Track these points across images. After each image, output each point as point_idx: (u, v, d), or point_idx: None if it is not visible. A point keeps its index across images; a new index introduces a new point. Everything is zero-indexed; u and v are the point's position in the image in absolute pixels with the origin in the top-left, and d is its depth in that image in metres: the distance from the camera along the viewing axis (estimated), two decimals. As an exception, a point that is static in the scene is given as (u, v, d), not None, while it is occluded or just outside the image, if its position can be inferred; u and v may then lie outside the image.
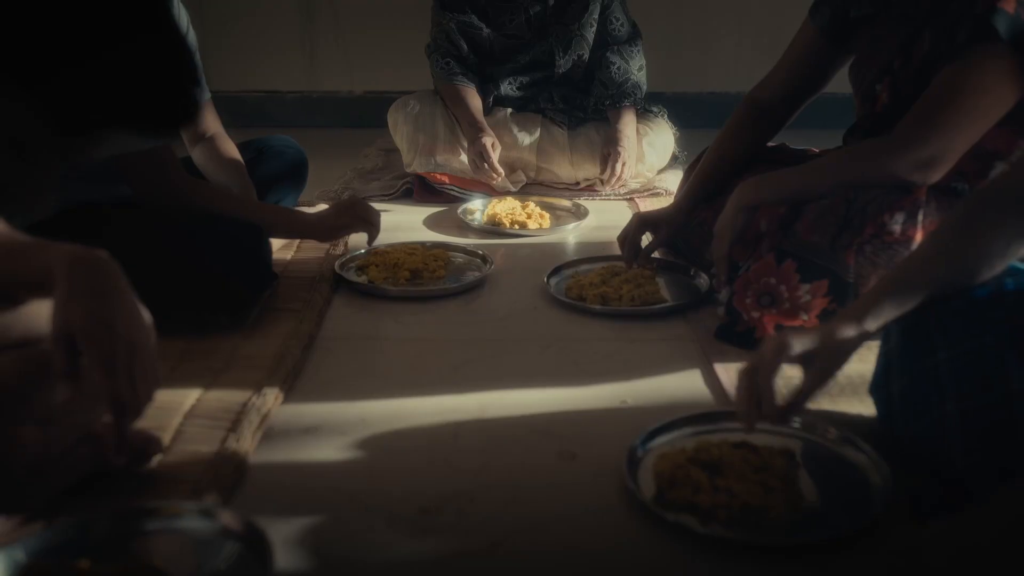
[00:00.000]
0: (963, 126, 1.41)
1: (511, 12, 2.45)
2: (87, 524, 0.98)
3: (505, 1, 2.44)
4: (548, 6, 2.44)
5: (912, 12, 1.54)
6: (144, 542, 0.97)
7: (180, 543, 0.97)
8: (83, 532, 0.97)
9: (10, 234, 1.00)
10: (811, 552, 0.99)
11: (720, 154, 1.80)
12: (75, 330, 0.91)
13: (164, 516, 0.99)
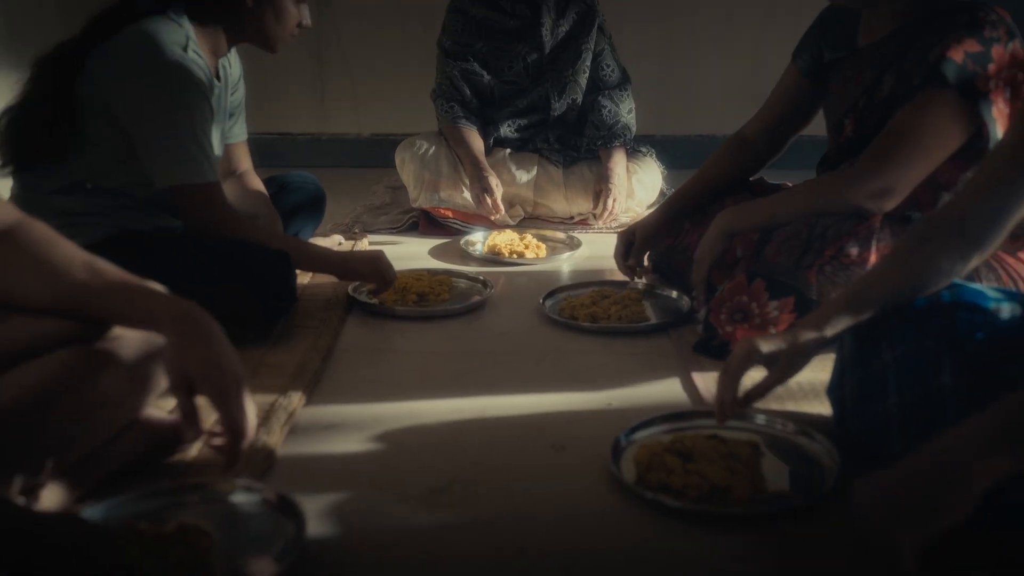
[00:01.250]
0: (913, 161, 1.59)
1: (510, 60, 2.65)
2: (143, 496, 1.13)
3: (504, 50, 2.65)
4: (544, 54, 2.65)
5: (877, 57, 1.72)
6: (194, 511, 1.12)
7: (225, 512, 1.13)
8: (140, 503, 1.12)
9: (115, 273, 1.16)
10: (768, 522, 1.14)
11: (701, 177, 2.00)
12: (192, 374, 1.07)
13: (210, 490, 1.15)
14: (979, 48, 1.55)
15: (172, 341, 1.10)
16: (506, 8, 2.62)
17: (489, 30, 2.64)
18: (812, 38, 1.91)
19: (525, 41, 2.64)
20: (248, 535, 1.11)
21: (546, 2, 2.62)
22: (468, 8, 2.65)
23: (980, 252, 1.26)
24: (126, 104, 1.74)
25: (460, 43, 2.66)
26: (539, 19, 2.62)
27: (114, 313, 1.15)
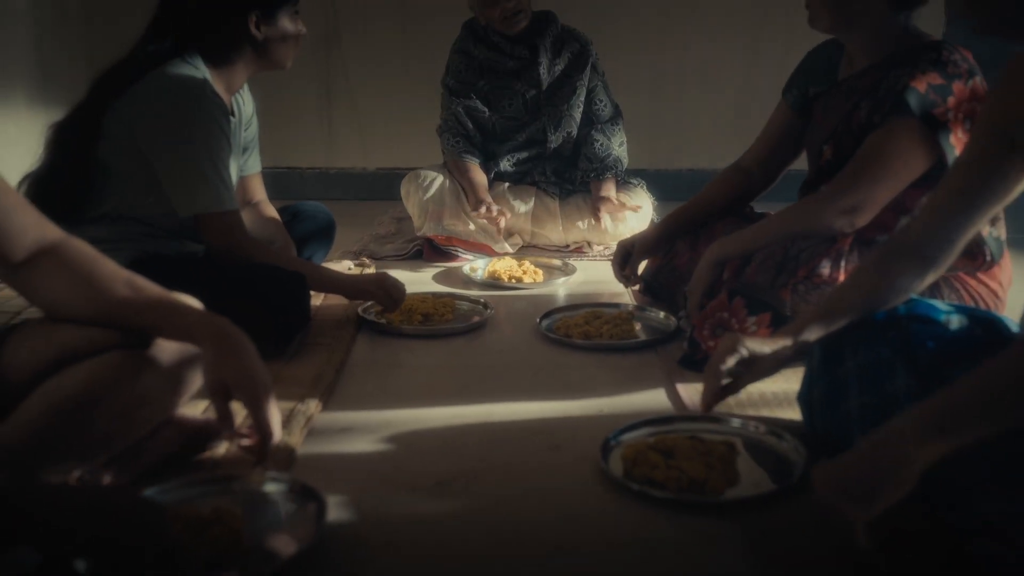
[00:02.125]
0: (879, 181, 1.74)
1: (510, 97, 2.82)
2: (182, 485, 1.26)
3: (504, 88, 2.82)
4: (541, 91, 2.82)
5: (854, 88, 1.88)
6: (226, 498, 1.25)
7: (255, 499, 1.26)
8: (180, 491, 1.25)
9: (154, 290, 1.29)
10: (740, 509, 1.27)
11: (699, 200, 2.18)
12: (228, 382, 1.20)
13: (241, 481, 1.28)
14: (941, 81, 1.71)
15: (210, 353, 1.24)
16: (506, 49, 2.80)
17: (490, 70, 2.81)
18: (799, 75, 2.07)
19: (524, 79, 2.81)
20: (275, 519, 1.23)
21: (543, 43, 2.79)
22: (471, 49, 2.82)
23: (934, 271, 1.40)
24: (151, 141, 1.90)
25: (463, 82, 2.83)
26: (537, 59, 2.79)
27: (154, 327, 1.29)
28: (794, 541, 1.20)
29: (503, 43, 2.79)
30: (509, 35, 2.77)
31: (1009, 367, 1.01)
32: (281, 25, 2.04)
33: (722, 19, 3.69)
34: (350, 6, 3.76)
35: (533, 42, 2.78)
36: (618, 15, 3.69)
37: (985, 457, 1.00)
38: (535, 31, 2.78)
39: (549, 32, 2.81)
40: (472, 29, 2.84)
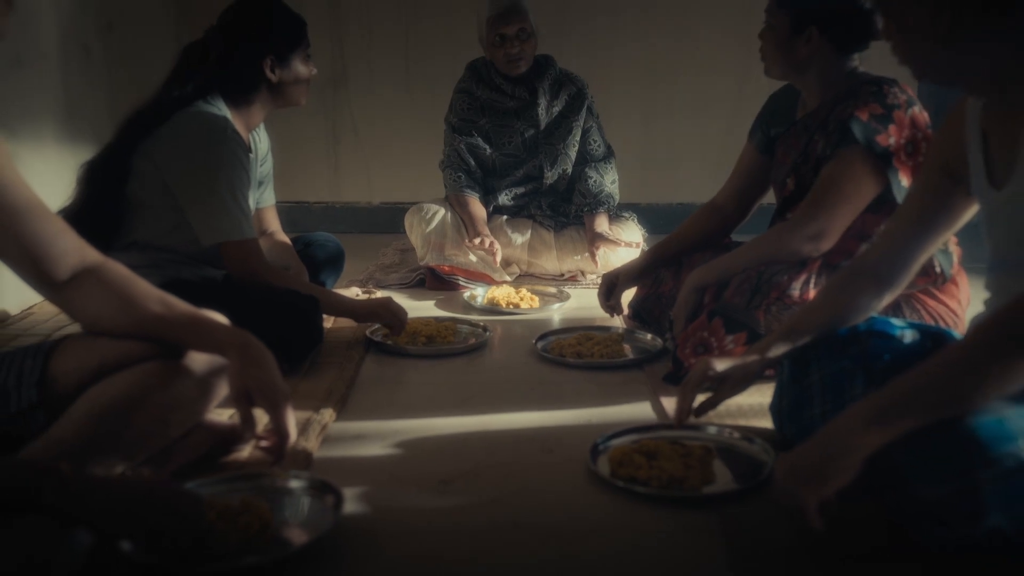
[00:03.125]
0: (837, 206, 1.91)
1: (509, 135, 3.00)
2: (214, 482, 1.41)
3: (504, 127, 3.00)
4: (539, 130, 2.99)
5: (810, 125, 2.05)
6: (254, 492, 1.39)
7: (279, 493, 1.40)
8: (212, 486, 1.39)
9: (185, 307, 1.44)
10: (715, 503, 1.41)
11: (678, 234, 2.34)
12: (251, 389, 1.35)
13: (266, 478, 1.42)
14: (882, 111, 1.88)
15: (235, 363, 1.39)
16: (507, 90, 2.98)
17: (491, 109, 3.00)
18: (762, 118, 2.26)
19: (523, 119, 2.99)
20: (297, 510, 1.37)
21: (542, 85, 2.98)
22: (473, 90, 3.00)
23: (891, 291, 1.56)
24: (177, 176, 2.07)
25: (466, 120, 3.01)
26: (536, 100, 2.97)
27: (185, 340, 1.44)
28: (761, 530, 1.34)
29: (504, 84, 2.97)
30: (510, 77, 2.95)
31: (937, 368, 1.17)
32: (294, 68, 2.22)
33: (710, 62, 3.89)
34: (356, 49, 3.96)
35: (533, 84, 2.97)
36: (612, 57, 3.89)
37: (919, 445, 1.14)
38: (535, 74, 2.97)
39: (548, 75, 2.99)
40: (475, 70, 3.03)
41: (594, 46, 3.84)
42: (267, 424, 1.41)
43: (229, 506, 1.30)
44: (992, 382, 1.13)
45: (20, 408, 1.38)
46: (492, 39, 2.88)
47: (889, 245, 1.55)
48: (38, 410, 1.38)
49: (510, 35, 2.85)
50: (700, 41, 3.89)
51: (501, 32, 2.85)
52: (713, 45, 3.86)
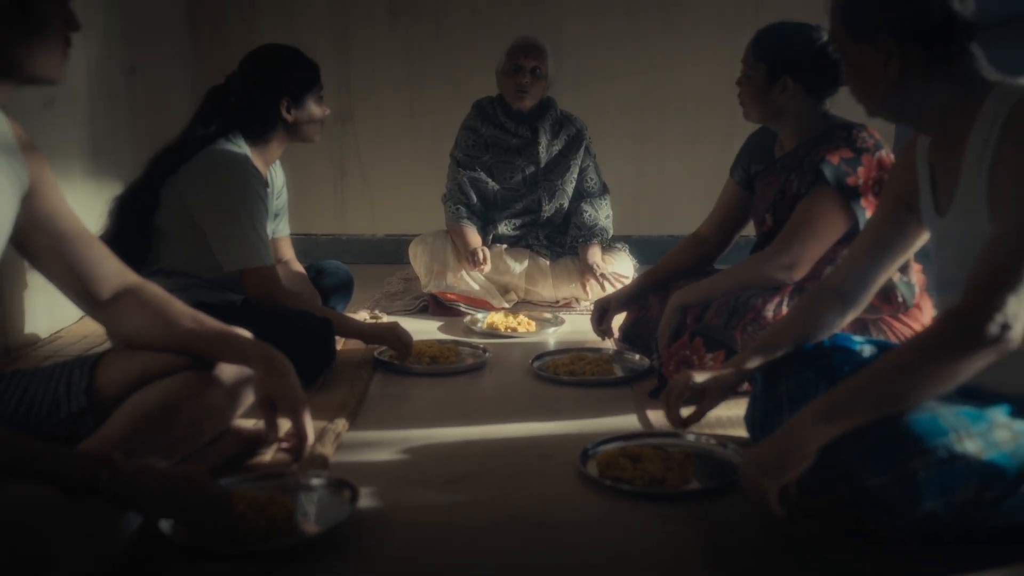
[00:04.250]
0: (809, 240, 2.10)
1: (511, 171, 3.20)
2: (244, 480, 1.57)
3: (507, 163, 3.20)
4: (539, 167, 3.19)
5: (787, 165, 2.24)
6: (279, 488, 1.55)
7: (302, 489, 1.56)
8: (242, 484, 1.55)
9: (214, 323, 1.61)
10: (691, 499, 1.57)
11: (665, 263, 2.53)
12: (274, 396, 1.53)
13: (290, 476, 1.59)
14: (851, 155, 2.07)
15: (260, 373, 1.56)
16: (510, 128, 3.18)
17: (495, 146, 3.20)
18: (742, 157, 2.45)
19: (524, 156, 3.19)
20: (317, 502, 1.53)
21: (543, 125, 3.18)
22: (478, 127, 3.21)
23: (853, 310, 1.73)
24: (202, 208, 2.25)
25: (470, 156, 3.21)
26: (537, 139, 3.18)
27: (216, 352, 1.61)
28: (731, 521, 1.50)
29: (508, 123, 3.18)
30: (513, 115, 3.15)
31: (878, 371, 1.34)
32: (308, 108, 2.41)
33: (698, 103, 4.10)
34: (362, 89, 4.17)
35: (535, 124, 3.18)
36: (605, 96, 4.10)
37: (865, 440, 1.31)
38: (537, 115, 3.18)
39: (549, 116, 3.20)
40: (481, 109, 3.23)
41: (587, 85, 4.05)
42: (288, 430, 1.58)
43: (256, 499, 1.46)
44: (925, 384, 1.30)
45: (71, 413, 1.54)
46: (508, 67, 3.08)
47: (851, 268, 1.73)
48: (87, 414, 1.54)
49: (525, 67, 3.05)
50: (689, 83, 4.10)
51: (519, 62, 3.06)
52: (701, 87, 4.07)
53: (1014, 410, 1.38)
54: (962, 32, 1.42)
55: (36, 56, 1.37)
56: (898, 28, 1.41)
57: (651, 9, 4.11)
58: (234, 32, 4.08)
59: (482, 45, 4.08)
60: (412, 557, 1.40)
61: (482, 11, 4.10)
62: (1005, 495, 1.31)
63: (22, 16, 1.34)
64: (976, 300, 1.29)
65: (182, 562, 1.34)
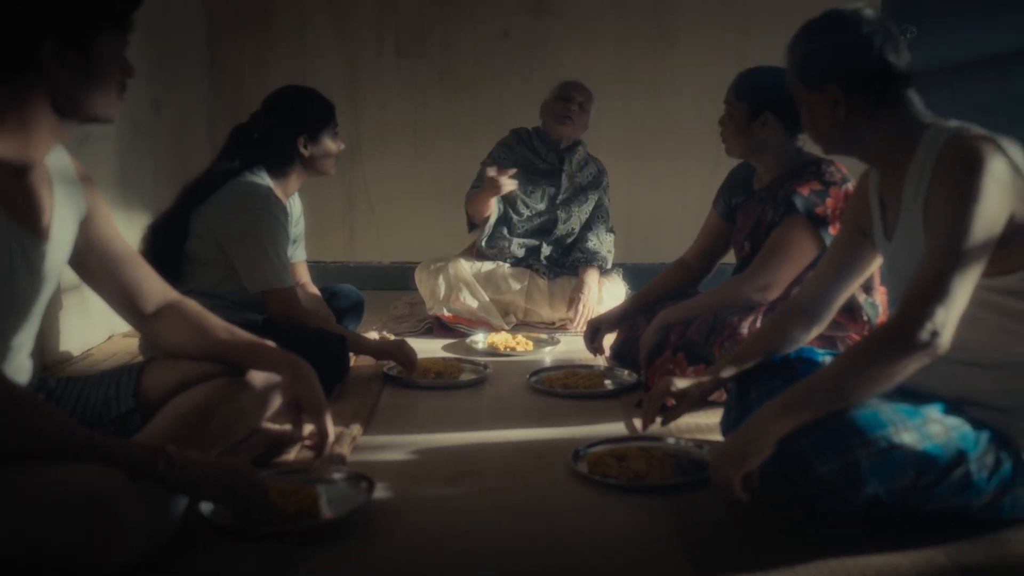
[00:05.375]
0: (781, 264, 2.31)
1: (534, 189, 3.47)
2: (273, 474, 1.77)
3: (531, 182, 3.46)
4: (559, 192, 3.46)
5: (763, 197, 2.46)
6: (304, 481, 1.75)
7: (324, 481, 1.76)
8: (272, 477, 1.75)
9: (246, 335, 1.82)
10: (670, 492, 1.77)
11: (652, 286, 2.73)
12: (300, 399, 1.73)
13: (314, 471, 1.79)
14: (820, 187, 2.29)
15: (286, 379, 1.77)
16: (541, 153, 3.46)
17: (524, 165, 3.44)
18: (724, 190, 2.68)
19: (548, 180, 3.45)
20: (338, 492, 1.73)
21: (570, 157, 3.44)
22: (513, 146, 3.49)
23: (817, 326, 1.93)
24: (229, 235, 2.47)
25: (497, 160, 3.44)
26: (562, 167, 3.42)
27: (248, 361, 1.81)
28: (703, 510, 1.69)
29: (540, 148, 3.45)
30: (548, 142, 3.43)
31: (826, 373, 1.55)
32: (324, 144, 2.63)
33: (686, 141, 4.34)
34: (370, 126, 4.41)
35: (563, 155, 3.43)
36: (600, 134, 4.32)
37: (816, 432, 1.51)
38: (568, 148, 3.46)
39: (578, 151, 3.48)
40: (517, 133, 3.54)
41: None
42: (311, 431, 1.78)
43: (286, 488, 1.66)
44: (867, 384, 1.51)
45: (120, 413, 1.74)
46: (558, 95, 3.39)
47: (815, 288, 1.93)
48: (135, 414, 1.75)
49: (575, 98, 3.36)
50: (678, 120, 4.35)
51: (569, 93, 3.37)
52: (689, 125, 4.31)
53: (946, 408, 1.58)
54: (898, 80, 1.65)
55: (96, 99, 1.55)
56: (842, 78, 1.64)
57: (642, 52, 4.36)
58: (250, 72, 4.33)
59: (482, 86, 4.35)
60: (420, 539, 1.60)
61: (482, 55, 4.36)
62: (938, 481, 1.51)
63: (85, 63, 1.51)
64: (910, 311, 1.50)
65: (223, 539, 1.54)
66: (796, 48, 1.73)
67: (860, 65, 1.63)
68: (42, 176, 1.59)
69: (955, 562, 1.48)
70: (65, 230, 1.63)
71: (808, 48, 1.70)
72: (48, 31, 1.46)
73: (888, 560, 1.48)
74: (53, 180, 1.62)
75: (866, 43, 1.64)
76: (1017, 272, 1.56)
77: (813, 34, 1.70)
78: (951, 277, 1.48)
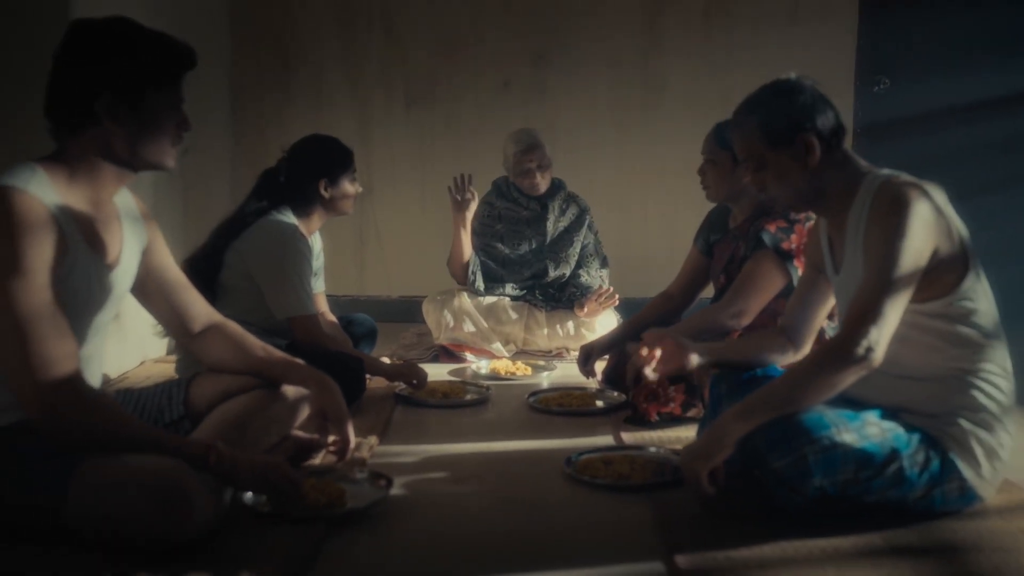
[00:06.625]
0: (752, 293, 2.58)
1: (519, 240, 3.75)
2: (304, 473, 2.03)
3: (517, 232, 3.74)
4: (546, 239, 3.71)
5: (738, 235, 2.74)
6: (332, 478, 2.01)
7: (348, 479, 2.02)
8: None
9: (280, 353, 2.08)
10: (651, 490, 2.03)
11: (640, 316, 2.99)
12: (325, 410, 1.99)
13: (339, 471, 2.05)
14: (785, 224, 2.58)
15: (314, 392, 2.03)
16: (522, 203, 3.73)
17: (507, 217, 3.72)
18: (704, 229, 2.97)
19: (533, 228, 3.72)
20: (360, 487, 1.99)
21: (552, 203, 3.71)
22: (494, 202, 3.76)
23: (795, 351, 2.17)
24: (259, 267, 2.75)
25: (484, 224, 3.74)
26: (545, 214, 3.71)
27: (281, 376, 2.08)
28: (677, 504, 1.95)
29: (520, 198, 3.72)
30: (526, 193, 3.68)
31: (779, 383, 1.81)
32: (342, 187, 2.92)
33: (676, 179, 4.63)
34: (381, 168, 4.72)
35: (544, 201, 3.71)
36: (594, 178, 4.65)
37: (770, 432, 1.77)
38: (548, 194, 3.73)
39: (558, 196, 3.74)
40: (497, 186, 3.80)
41: (578, 165, 4.61)
42: (334, 439, 2.04)
43: (316, 482, 1.92)
44: (812, 392, 1.77)
45: (172, 419, 2.01)
46: (518, 170, 3.62)
47: (791, 315, 2.19)
48: (184, 420, 2.01)
49: (532, 168, 3.60)
50: (666, 163, 4.66)
51: (526, 165, 3.61)
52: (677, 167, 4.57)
53: (883, 414, 1.85)
54: (843, 133, 1.93)
55: (148, 149, 1.79)
56: (810, 128, 1.89)
57: (633, 100, 4.69)
58: (270, 120, 4.65)
59: (485, 131, 4.66)
60: (430, 528, 1.85)
61: (485, 103, 4.69)
62: (875, 475, 1.77)
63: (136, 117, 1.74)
64: (848, 331, 1.77)
65: (263, 524, 1.79)
66: (750, 119, 1.94)
67: (824, 116, 1.90)
68: (112, 213, 1.87)
69: (889, 544, 1.73)
70: (131, 259, 1.91)
71: (767, 112, 1.92)
72: (102, 87, 1.71)
73: (832, 542, 1.73)
74: (121, 216, 1.90)
75: (820, 99, 1.93)
76: (942, 298, 1.84)
77: (766, 101, 1.94)
78: (883, 301, 1.75)
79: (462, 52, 4.67)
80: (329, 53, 4.68)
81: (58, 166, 1.74)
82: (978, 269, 1.87)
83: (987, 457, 1.83)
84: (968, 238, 1.86)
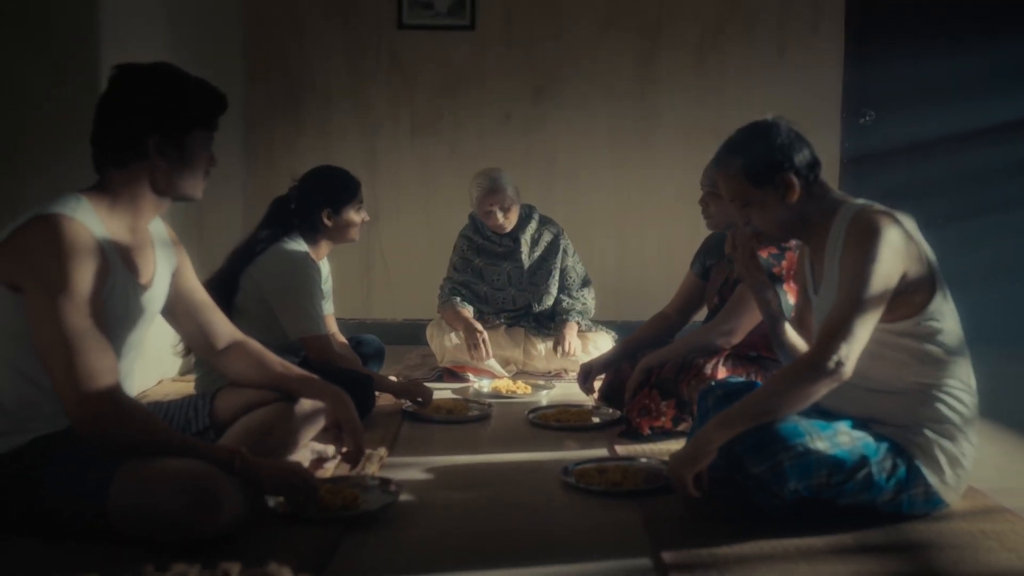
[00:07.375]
0: (743, 313, 2.74)
1: (498, 273, 3.89)
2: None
3: (494, 266, 3.89)
4: (523, 271, 3.87)
5: (732, 260, 2.91)
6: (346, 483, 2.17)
7: (361, 485, 2.17)
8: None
9: (297, 369, 2.25)
10: (639, 494, 2.18)
11: (636, 336, 3.16)
12: (340, 421, 2.15)
13: (354, 478, 2.20)
14: (776, 251, 2.75)
15: (329, 405, 2.19)
16: (495, 240, 3.90)
17: (484, 251, 3.90)
18: (701, 253, 3.14)
19: (509, 260, 3.88)
20: (372, 492, 2.14)
21: (523, 236, 3.88)
22: (471, 236, 3.93)
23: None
24: (273, 290, 2.92)
25: (464, 258, 3.91)
26: (519, 248, 3.87)
27: (299, 390, 2.24)
28: (665, 507, 2.10)
29: (492, 235, 3.89)
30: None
31: (758, 394, 1.98)
32: (346, 216, 3.09)
33: (671, 206, 4.83)
34: (386, 196, 4.89)
35: (516, 235, 3.88)
36: (592, 204, 4.84)
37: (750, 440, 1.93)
38: (518, 227, 3.88)
39: (528, 227, 3.90)
40: (473, 220, 3.96)
41: (576, 193, 4.83)
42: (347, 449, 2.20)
43: (331, 487, 2.08)
44: (787, 402, 1.93)
45: (198, 429, 2.18)
46: (483, 212, 3.80)
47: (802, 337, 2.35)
48: (209, 431, 2.18)
49: (495, 211, 3.77)
50: (662, 190, 4.85)
51: (489, 209, 3.77)
52: (673, 194, 4.81)
53: (854, 424, 2.01)
54: (819, 167, 2.10)
55: (186, 182, 1.99)
56: (790, 167, 2.05)
57: (629, 132, 4.89)
58: (280, 150, 4.84)
59: (487, 161, 4.81)
60: (437, 529, 2.01)
61: (487, 135, 4.88)
62: (846, 480, 1.93)
63: (179, 154, 1.95)
64: (820, 346, 1.93)
65: (284, 524, 1.95)
66: (733, 161, 2.09)
67: (801, 152, 2.06)
68: (147, 239, 2.05)
69: (859, 543, 1.89)
70: (163, 281, 2.08)
71: (748, 155, 2.07)
72: (153, 129, 1.92)
73: (807, 541, 1.89)
74: (154, 242, 2.07)
75: (796, 137, 2.10)
76: (911, 318, 2.00)
77: (746, 143, 2.09)
78: (853, 320, 1.92)
79: (465, 85, 4.87)
80: (338, 85, 4.88)
81: (101, 196, 1.92)
82: (944, 291, 2.03)
83: (950, 465, 1.99)
84: (935, 262, 2.02)
